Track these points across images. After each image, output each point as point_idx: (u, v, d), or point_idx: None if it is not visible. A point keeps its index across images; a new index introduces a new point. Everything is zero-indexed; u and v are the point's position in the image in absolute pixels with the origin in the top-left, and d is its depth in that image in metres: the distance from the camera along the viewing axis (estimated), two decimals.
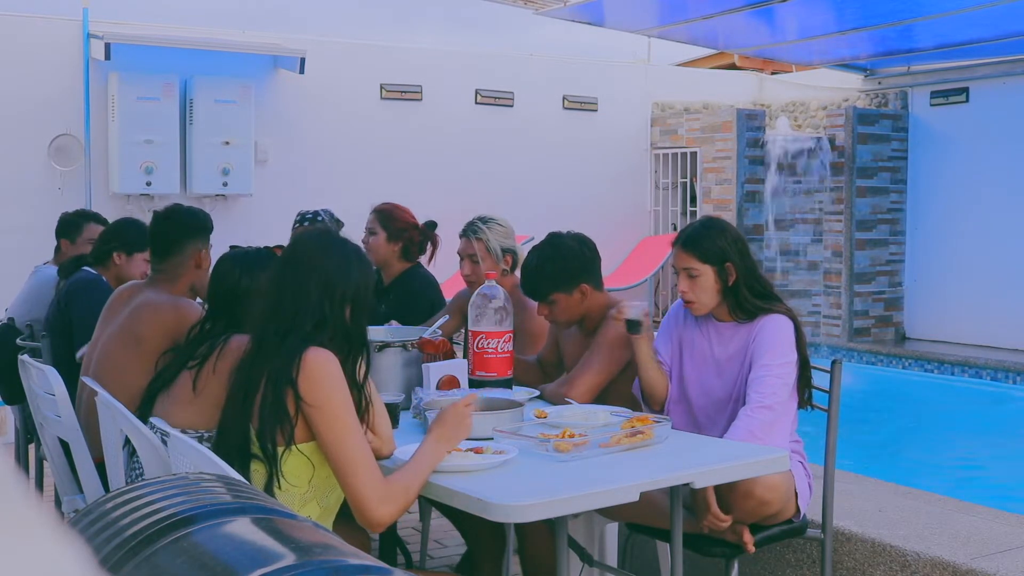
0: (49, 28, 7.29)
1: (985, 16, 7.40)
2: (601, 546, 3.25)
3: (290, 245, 2.45)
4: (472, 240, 3.83)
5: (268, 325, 2.26)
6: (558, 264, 3.19)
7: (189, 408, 2.65)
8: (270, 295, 2.31)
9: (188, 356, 2.71)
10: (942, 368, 8.20)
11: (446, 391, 2.98)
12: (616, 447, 2.49)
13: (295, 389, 2.16)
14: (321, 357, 2.20)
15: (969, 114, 8.77)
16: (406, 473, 2.23)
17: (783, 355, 2.86)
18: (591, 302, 3.24)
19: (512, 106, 8.92)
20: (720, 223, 3.02)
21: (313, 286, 2.25)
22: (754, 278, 2.95)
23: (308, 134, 8.07)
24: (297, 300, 2.25)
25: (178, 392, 2.69)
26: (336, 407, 2.18)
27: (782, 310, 2.93)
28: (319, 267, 2.27)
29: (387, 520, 2.18)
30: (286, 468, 2.19)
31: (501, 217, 3.96)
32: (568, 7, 7.62)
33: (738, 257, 2.92)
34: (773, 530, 2.87)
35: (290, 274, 2.29)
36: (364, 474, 2.16)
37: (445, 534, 4.39)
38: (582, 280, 3.20)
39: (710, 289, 2.93)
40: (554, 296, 3.19)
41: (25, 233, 6.81)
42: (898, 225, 9.23)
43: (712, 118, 9.13)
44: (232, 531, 1.15)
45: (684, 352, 3.05)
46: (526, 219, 8.51)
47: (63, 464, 3.40)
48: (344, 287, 2.28)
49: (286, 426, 2.18)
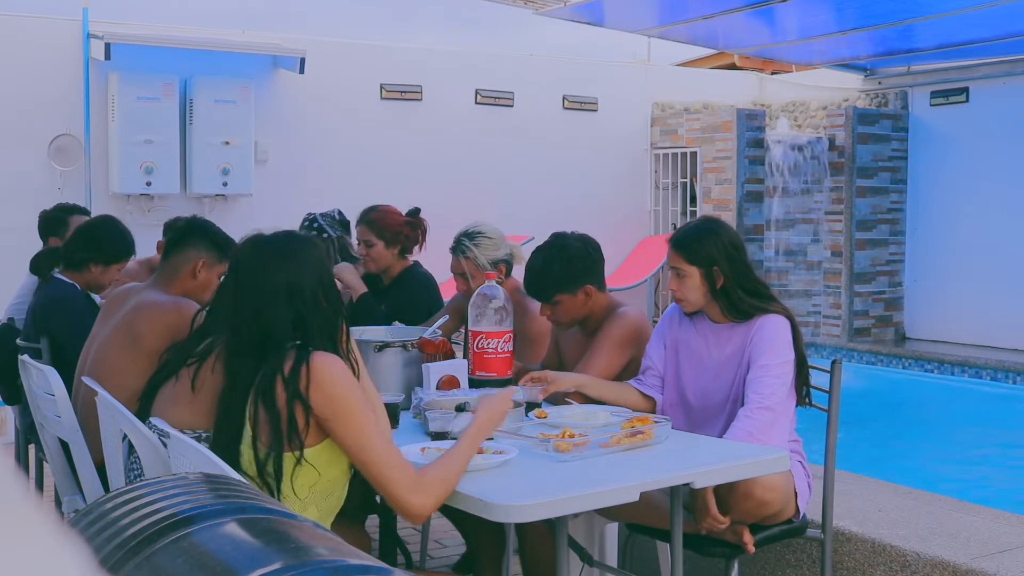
0: (49, 28, 7.29)
1: (985, 16, 7.40)
2: (601, 546, 3.25)
3: (233, 270, 2.38)
4: (460, 259, 3.76)
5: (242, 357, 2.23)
6: (563, 265, 3.18)
7: (188, 407, 2.65)
8: (240, 324, 2.26)
9: (188, 353, 2.71)
10: (942, 368, 8.20)
11: (446, 391, 2.97)
12: (616, 447, 2.49)
13: (305, 402, 2.14)
14: (327, 363, 2.17)
15: (969, 114, 8.77)
16: (440, 464, 2.21)
17: (781, 355, 2.85)
18: (594, 303, 3.24)
19: (512, 106, 8.92)
20: (715, 226, 3.01)
21: (282, 300, 2.23)
22: (747, 280, 2.94)
23: (308, 134, 8.07)
24: (271, 317, 2.22)
25: (178, 391, 2.68)
26: (353, 410, 2.16)
27: (778, 310, 2.92)
28: (278, 279, 2.24)
29: (426, 511, 2.15)
30: (297, 483, 2.16)
31: (490, 227, 3.81)
32: (568, 7, 7.62)
33: (727, 262, 2.91)
34: (773, 530, 2.87)
35: (254, 297, 2.25)
36: (394, 469, 2.14)
37: (445, 534, 4.39)
38: (587, 281, 3.20)
39: (696, 289, 2.94)
40: (559, 297, 3.19)
41: (25, 233, 6.79)
42: (898, 225, 9.23)
43: (712, 118, 9.13)
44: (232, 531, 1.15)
45: (680, 354, 3.05)
46: (526, 219, 8.53)
47: (63, 464, 3.40)
48: (310, 282, 2.27)
49: (295, 441, 2.15)
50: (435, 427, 2.70)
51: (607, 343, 3.18)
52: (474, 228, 3.80)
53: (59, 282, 3.81)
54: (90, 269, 3.83)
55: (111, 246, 3.88)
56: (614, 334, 3.18)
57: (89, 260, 3.82)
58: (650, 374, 3.10)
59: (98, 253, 3.83)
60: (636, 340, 3.21)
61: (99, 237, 3.90)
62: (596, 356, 3.17)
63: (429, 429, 2.69)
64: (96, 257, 3.83)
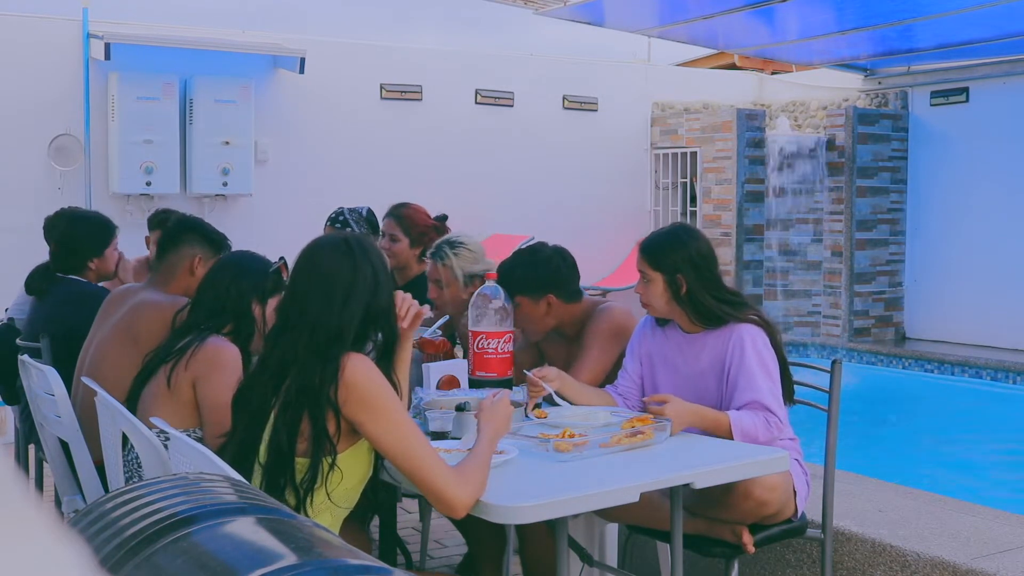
0: (49, 28, 7.29)
1: (985, 16, 7.40)
2: (601, 546, 3.25)
3: (307, 266, 2.29)
4: (438, 265, 3.72)
5: (306, 355, 2.17)
6: (528, 270, 3.25)
7: (163, 404, 2.66)
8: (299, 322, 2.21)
9: (168, 351, 2.72)
10: (942, 368, 8.20)
11: (446, 391, 2.98)
12: (616, 447, 2.49)
13: (335, 406, 2.12)
14: (358, 364, 2.16)
15: (969, 114, 8.77)
16: (470, 461, 2.19)
17: (764, 362, 2.83)
18: (560, 312, 3.26)
19: (512, 106, 8.92)
20: (683, 234, 2.99)
21: (354, 303, 2.20)
22: (714, 288, 2.92)
23: (308, 134, 8.06)
24: (336, 322, 2.19)
25: (154, 387, 2.69)
26: (389, 408, 2.15)
27: (750, 317, 2.90)
28: (351, 282, 2.21)
29: (470, 502, 2.12)
30: (329, 487, 2.15)
31: (472, 241, 3.78)
32: (568, 7, 7.62)
33: (691, 270, 2.90)
34: (773, 530, 2.87)
35: (321, 297, 2.21)
36: (434, 466, 2.13)
37: (445, 534, 4.39)
38: (550, 291, 3.23)
39: (660, 296, 2.94)
40: (519, 299, 3.21)
41: (25, 233, 6.79)
42: (898, 225, 9.23)
43: (712, 118, 9.13)
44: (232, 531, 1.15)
45: (656, 366, 3.05)
46: (526, 219, 8.53)
47: (63, 464, 3.39)
48: (379, 291, 2.25)
49: (329, 448, 2.14)
50: (435, 427, 2.70)
51: (597, 339, 3.21)
52: (457, 238, 3.78)
53: (71, 281, 3.82)
54: (88, 267, 3.85)
55: (92, 238, 3.89)
56: (601, 328, 3.22)
57: (83, 260, 3.84)
58: (625, 381, 3.10)
59: (86, 251, 3.85)
60: (623, 332, 3.22)
61: (79, 237, 3.91)
62: (587, 353, 3.20)
63: (429, 429, 2.69)
64: (88, 254, 3.85)
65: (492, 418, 2.32)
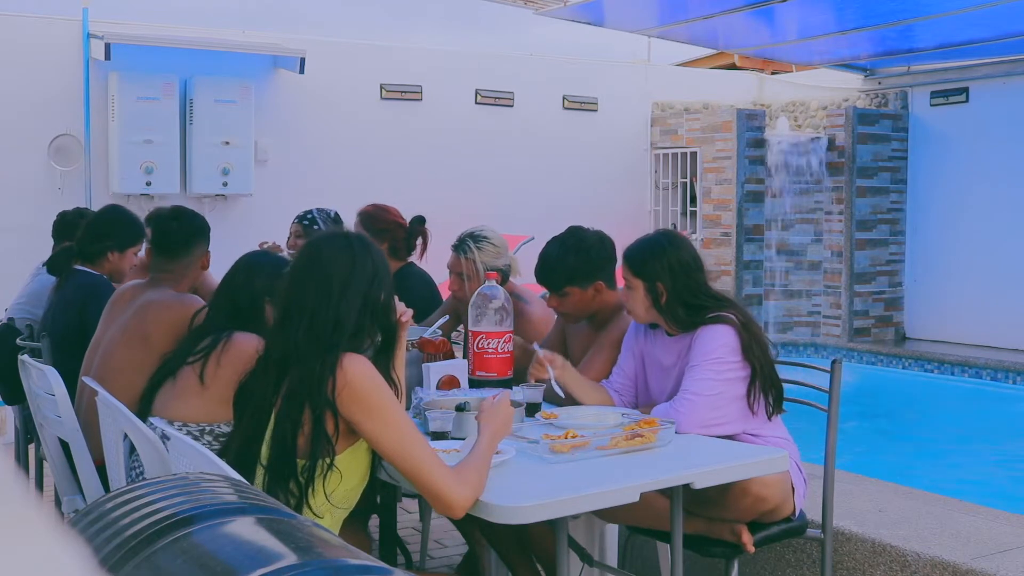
0: (49, 28, 7.29)
1: (985, 16, 7.41)
2: (601, 546, 3.25)
3: (307, 259, 2.29)
4: (461, 258, 3.74)
5: (306, 345, 2.17)
6: (580, 257, 3.19)
7: (195, 401, 2.66)
8: (298, 314, 2.21)
9: (189, 350, 2.72)
10: (942, 368, 8.20)
11: (446, 391, 2.98)
12: (614, 450, 2.49)
13: (333, 406, 2.12)
14: (355, 363, 2.15)
15: (969, 114, 8.77)
16: (469, 461, 2.19)
17: (709, 355, 2.80)
18: (603, 299, 3.24)
19: (512, 106, 8.92)
20: (665, 242, 2.98)
21: (352, 294, 2.20)
22: (692, 296, 2.90)
23: (308, 134, 8.07)
24: (334, 313, 2.18)
25: (183, 386, 2.69)
26: (387, 407, 2.15)
27: (725, 318, 2.88)
28: (348, 274, 2.22)
29: (468, 503, 2.12)
30: (327, 490, 2.15)
31: (496, 235, 3.80)
32: (568, 7, 7.62)
33: (670, 279, 2.89)
34: (772, 529, 2.87)
35: (319, 288, 2.21)
36: (432, 466, 2.12)
37: (445, 534, 4.39)
38: (599, 277, 3.21)
39: (640, 302, 2.94)
40: (569, 289, 3.19)
41: (25, 233, 6.80)
42: (898, 225, 9.23)
43: (712, 118, 9.13)
44: (232, 531, 1.15)
45: (647, 366, 3.06)
46: (526, 219, 8.52)
47: (63, 464, 3.40)
48: (377, 283, 2.25)
49: (327, 448, 2.13)
50: (435, 427, 2.70)
51: (609, 343, 3.19)
52: (480, 231, 3.80)
53: (84, 273, 3.84)
54: (107, 258, 3.87)
55: (123, 231, 3.93)
56: (614, 336, 3.19)
57: (105, 249, 3.86)
58: (620, 377, 3.10)
59: (112, 240, 3.87)
60: None
61: (110, 224, 3.96)
62: (602, 352, 3.20)
63: (429, 429, 2.69)
64: (111, 244, 3.87)
65: (492, 419, 2.32)
